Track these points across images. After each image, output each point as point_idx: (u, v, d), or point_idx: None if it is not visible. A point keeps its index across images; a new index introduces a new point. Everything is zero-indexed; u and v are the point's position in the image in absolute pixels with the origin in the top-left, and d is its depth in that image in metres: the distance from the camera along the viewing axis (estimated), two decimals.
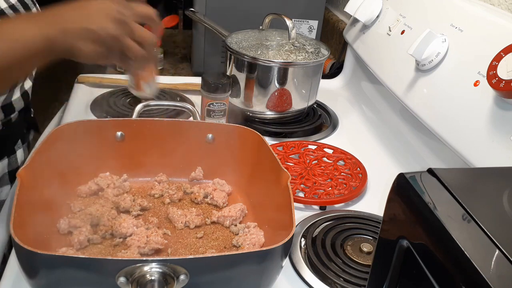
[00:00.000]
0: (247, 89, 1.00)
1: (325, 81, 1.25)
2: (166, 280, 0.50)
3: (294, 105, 1.03)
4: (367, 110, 1.14)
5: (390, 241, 0.42)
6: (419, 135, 0.94)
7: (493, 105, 0.69)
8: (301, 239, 0.71)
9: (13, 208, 0.55)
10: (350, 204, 0.81)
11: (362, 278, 0.63)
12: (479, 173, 0.47)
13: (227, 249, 0.68)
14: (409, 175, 0.41)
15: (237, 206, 0.73)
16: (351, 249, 0.68)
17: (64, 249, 0.63)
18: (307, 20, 1.29)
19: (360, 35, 1.12)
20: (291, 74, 0.98)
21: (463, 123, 0.74)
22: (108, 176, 0.76)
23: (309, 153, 0.92)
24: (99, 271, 0.51)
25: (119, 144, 0.77)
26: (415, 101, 0.86)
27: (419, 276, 0.37)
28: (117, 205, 0.72)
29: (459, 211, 0.37)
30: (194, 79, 1.15)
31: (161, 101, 1.01)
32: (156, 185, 0.78)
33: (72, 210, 0.70)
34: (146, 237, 0.65)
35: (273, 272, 0.58)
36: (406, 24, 0.95)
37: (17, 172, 0.60)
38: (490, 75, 0.66)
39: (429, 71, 0.84)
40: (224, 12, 1.20)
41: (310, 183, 0.83)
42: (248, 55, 0.97)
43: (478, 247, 0.34)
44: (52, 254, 0.53)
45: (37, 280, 0.52)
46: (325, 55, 1.01)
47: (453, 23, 0.82)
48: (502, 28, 0.74)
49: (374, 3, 1.07)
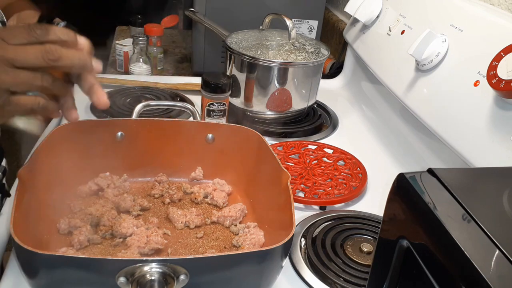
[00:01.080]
0: (247, 89, 1.00)
1: (325, 81, 1.25)
2: (166, 280, 0.50)
3: (294, 105, 1.03)
4: (367, 110, 1.14)
5: (390, 241, 0.42)
6: (419, 135, 0.94)
7: (493, 105, 0.69)
8: (301, 239, 0.71)
9: (13, 208, 0.55)
10: (350, 204, 0.81)
11: (362, 278, 0.63)
12: (479, 173, 0.47)
13: (227, 249, 0.68)
14: (409, 175, 0.41)
15: (237, 206, 0.73)
16: (351, 249, 0.68)
17: (64, 249, 0.63)
18: (307, 20, 1.29)
19: (360, 35, 1.12)
20: (291, 74, 0.98)
21: (463, 123, 0.74)
22: (108, 176, 0.76)
23: (309, 153, 0.92)
24: (99, 271, 0.51)
25: (119, 144, 0.76)
26: (415, 101, 0.86)
27: (419, 276, 0.37)
28: (117, 205, 0.72)
29: (459, 211, 0.37)
30: (194, 79, 1.15)
31: (161, 101, 1.01)
32: (156, 185, 0.78)
33: (72, 210, 0.70)
34: (146, 237, 0.65)
35: (273, 272, 0.58)
36: (406, 24, 0.95)
37: (17, 172, 0.60)
38: (490, 75, 0.66)
39: (429, 71, 0.84)
40: (224, 12, 1.20)
41: (310, 183, 0.83)
42: (248, 55, 0.97)
43: (478, 247, 0.34)
44: (52, 254, 0.53)
45: (37, 280, 0.52)
46: (325, 55, 1.01)
47: (453, 23, 0.82)
48: (502, 28, 0.74)
49: (374, 3, 1.07)
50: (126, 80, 1.14)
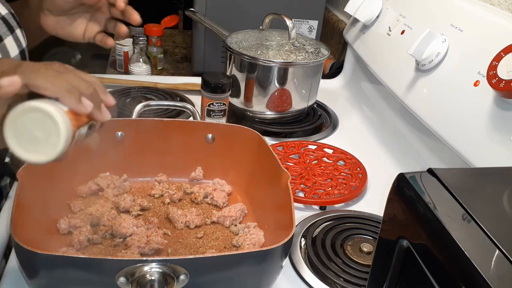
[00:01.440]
0: (247, 89, 1.00)
1: (325, 81, 1.25)
2: (166, 280, 0.50)
3: (294, 105, 1.03)
4: (367, 110, 1.14)
5: (390, 241, 0.42)
6: (419, 135, 0.94)
7: (493, 105, 0.69)
8: (301, 239, 0.71)
9: (13, 208, 0.55)
10: (350, 204, 0.81)
11: (362, 278, 0.63)
12: (479, 173, 0.47)
13: (227, 249, 0.68)
14: (409, 175, 0.41)
15: (237, 206, 0.73)
16: (351, 249, 0.68)
17: (64, 249, 0.63)
18: (307, 20, 1.29)
19: (360, 35, 1.12)
20: (291, 74, 0.98)
21: (463, 123, 0.74)
22: (108, 176, 0.76)
23: (309, 153, 0.92)
24: (99, 271, 0.51)
25: (119, 144, 0.76)
26: (415, 101, 0.86)
27: (419, 276, 0.37)
28: (117, 205, 0.72)
29: (459, 211, 0.37)
30: (194, 79, 1.15)
31: (161, 101, 1.01)
32: (156, 185, 0.78)
33: (72, 210, 0.70)
34: (146, 237, 0.65)
35: (273, 272, 0.58)
36: (406, 24, 0.95)
37: (17, 172, 0.60)
38: (490, 75, 0.66)
39: (429, 71, 0.84)
40: (224, 12, 1.20)
41: (310, 183, 0.83)
42: (248, 55, 0.97)
43: (478, 247, 0.34)
44: (52, 254, 0.53)
45: (37, 280, 0.52)
46: (325, 55, 1.01)
47: (453, 23, 0.82)
48: (502, 28, 0.74)
49: (374, 3, 1.07)
50: (126, 80, 1.14)
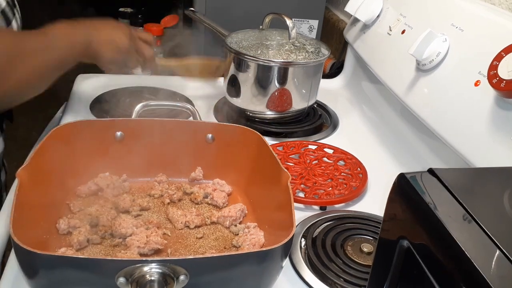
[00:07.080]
0: (247, 89, 1.00)
1: (325, 81, 1.25)
2: (166, 280, 0.50)
3: (294, 105, 1.02)
4: (368, 110, 1.14)
5: (390, 241, 0.42)
6: (419, 135, 0.94)
7: (493, 105, 0.69)
8: (301, 239, 0.71)
9: (12, 208, 0.55)
10: (351, 204, 0.81)
11: (362, 279, 0.63)
12: (480, 173, 0.47)
13: (227, 250, 0.68)
14: (410, 175, 0.41)
15: (237, 206, 0.73)
16: (352, 250, 0.68)
17: (63, 249, 0.63)
18: (307, 20, 1.29)
19: (361, 35, 1.12)
20: (291, 74, 0.98)
21: (463, 123, 0.74)
22: (107, 176, 0.76)
23: (309, 153, 0.92)
24: (98, 271, 0.51)
25: (119, 144, 0.76)
26: (415, 101, 0.86)
27: (420, 276, 0.37)
28: (117, 205, 0.72)
29: (459, 211, 0.37)
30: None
31: (161, 101, 1.00)
32: (156, 185, 0.78)
33: (71, 210, 0.70)
34: (146, 237, 0.64)
35: (273, 273, 0.58)
36: (407, 24, 0.95)
37: (17, 172, 0.60)
38: (490, 74, 0.66)
39: (429, 71, 0.83)
40: (224, 12, 1.20)
41: (310, 183, 0.83)
42: (248, 55, 0.96)
43: (478, 247, 0.34)
44: (51, 254, 0.53)
45: (37, 280, 0.52)
46: (325, 55, 1.01)
47: (453, 22, 0.82)
48: (503, 28, 0.73)
49: (374, 3, 1.07)
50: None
